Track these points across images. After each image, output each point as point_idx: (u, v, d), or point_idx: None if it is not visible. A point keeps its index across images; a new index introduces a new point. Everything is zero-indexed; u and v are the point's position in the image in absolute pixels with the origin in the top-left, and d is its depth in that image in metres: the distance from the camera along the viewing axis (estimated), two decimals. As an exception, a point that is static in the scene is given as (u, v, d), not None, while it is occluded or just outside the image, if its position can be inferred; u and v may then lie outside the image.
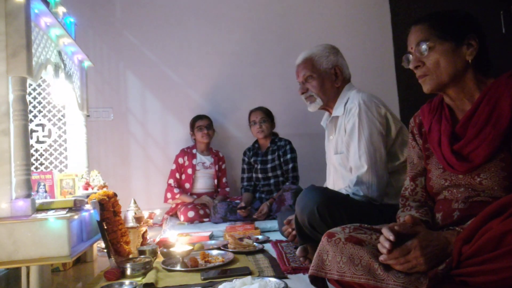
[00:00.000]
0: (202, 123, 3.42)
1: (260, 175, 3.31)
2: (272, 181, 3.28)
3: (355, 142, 1.79)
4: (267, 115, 3.31)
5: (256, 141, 3.43)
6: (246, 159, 3.43)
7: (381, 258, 1.05)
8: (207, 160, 3.48)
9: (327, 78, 1.93)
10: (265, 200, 3.15)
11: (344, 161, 1.89)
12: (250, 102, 3.59)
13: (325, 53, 1.95)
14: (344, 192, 1.76)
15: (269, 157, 3.29)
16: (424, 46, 1.20)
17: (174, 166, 3.43)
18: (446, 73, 1.19)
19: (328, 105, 1.98)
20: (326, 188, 1.77)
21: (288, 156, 3.23)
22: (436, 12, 1.24)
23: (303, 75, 1.96)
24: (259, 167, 3.32)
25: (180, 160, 3.43)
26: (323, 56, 1.94)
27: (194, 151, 3.48)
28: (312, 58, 1.95)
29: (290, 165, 3.22)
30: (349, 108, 1.85)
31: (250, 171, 3.41)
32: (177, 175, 3.41)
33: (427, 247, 1.02)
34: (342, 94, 1.94)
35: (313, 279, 1.21)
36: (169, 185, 3.38)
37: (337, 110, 1.92)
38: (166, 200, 3.36)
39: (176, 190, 3.33)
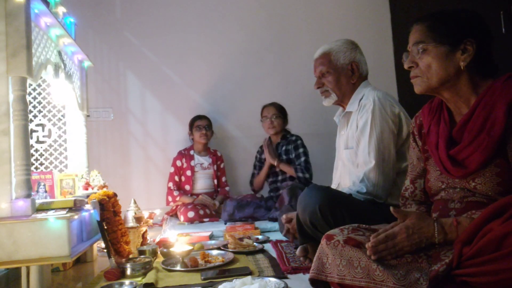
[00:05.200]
0: (201, 123, 3.42)
1: (268, 171, 3.28)
2: (279, 177, 3.23)
3: (365, 138, 1.79)
4: (279, 111, 3.25)
5: (269, 138, 3.36)
6: (258, 156, 3.42)
7: (369, 244, 1.09)
8: (205, 160, 3.47)
9: (343, 74, 1.93)
10: (274, 197, 3.14)
11: (352, 156, 1.89)
12: (250, 102, 3.58)
13: (342, 49, 1.94)
14: (347, 191, 1.76)
15: (278, 151, 3.24)
16: (418, 48, 1.19)
17: (172, 169, 3.42)
18: (436, 77, 1.18)
19: (342, 101, 1.98)
20: (328, 187, 1.77)
21: (300, 150, 3.15)
22: (437, 13, 1.22)
23: (320, 71, 1.96)
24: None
25: (178, 163, 3.42)
26: (340, 52, 1.94)
27: (191, 152, 3.47)
28: (329, 53, 1.95)
29: (302, 159, 3.12)
30: (363, 104, 1.85)
31: (260, 169, 3.38)
32: (176, 178, 3.41)
33: (413, 234, 1.08)
34: (357, 90, 1.94)
35: (313, 282, 1.20)
36: (168, 188, 3.39)
37: (352, 105, 1.92)
38: (168, 203, 3.38)
39: (175, 193, 3.33)
